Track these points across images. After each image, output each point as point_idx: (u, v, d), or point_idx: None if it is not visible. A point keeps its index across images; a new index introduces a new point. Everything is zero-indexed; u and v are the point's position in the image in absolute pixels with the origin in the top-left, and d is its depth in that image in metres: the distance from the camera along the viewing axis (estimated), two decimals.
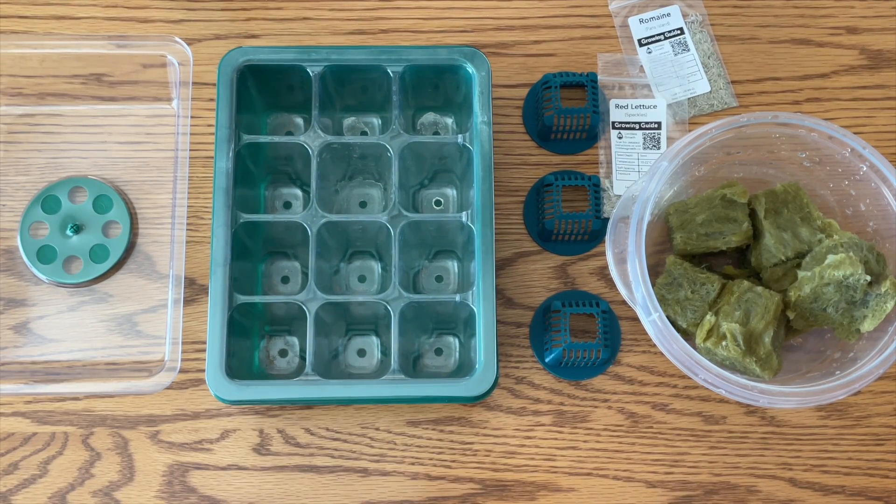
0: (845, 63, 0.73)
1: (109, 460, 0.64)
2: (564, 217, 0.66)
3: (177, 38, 0.68)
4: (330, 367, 0.66)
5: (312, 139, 0.64)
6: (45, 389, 0.64)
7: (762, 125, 0.61)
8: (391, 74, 0.65)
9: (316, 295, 0.62)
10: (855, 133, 0.64)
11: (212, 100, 0.69)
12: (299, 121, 0.71)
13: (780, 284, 0.63)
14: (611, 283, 0.67)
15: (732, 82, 0.72)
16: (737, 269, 0.66)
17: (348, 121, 0.71)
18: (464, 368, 0.65)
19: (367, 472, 0.65)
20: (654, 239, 0.67)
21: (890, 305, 0.60)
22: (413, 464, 0.65)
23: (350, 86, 0.68)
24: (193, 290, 0.67)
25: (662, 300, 0.63)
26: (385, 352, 0.67)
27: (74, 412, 0.65)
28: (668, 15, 0.73)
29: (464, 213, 0.63)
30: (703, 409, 0.66)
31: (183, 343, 0.65)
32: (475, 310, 0.61)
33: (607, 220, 0.67)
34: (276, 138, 0.65)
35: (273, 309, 0.64)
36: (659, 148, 0.70)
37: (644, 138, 0.70)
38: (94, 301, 0.67)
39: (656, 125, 0.70)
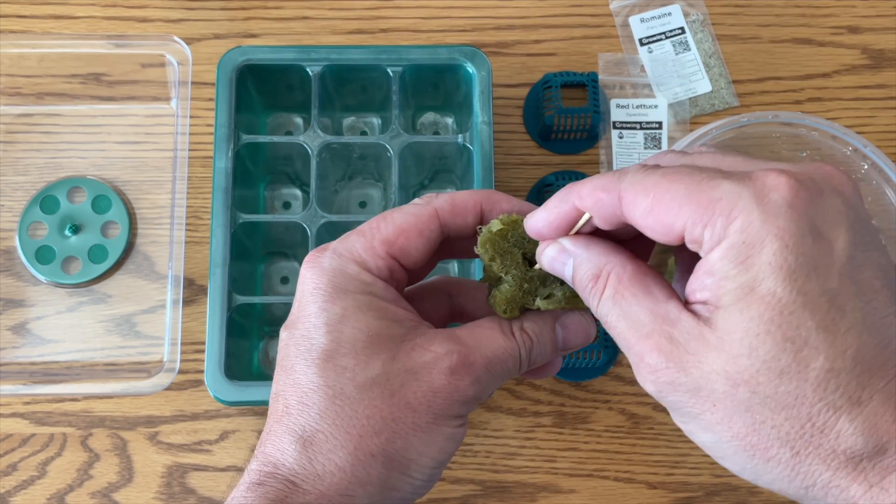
0: (847, 63, 0.73)
1: (108, 461, 0.64)
2: None
3: (176, 38, 0.68)
4: None
5: (312, 139, 0.64)
6: (43, 390, 0.64)
7: (763, 125, 0.61)
8: (391, 74, 0.65)
9: None
10: (856, 132, 0.63)
11: (211, 99, 0.69)
12: (299, 120, 0.71)
13: None
14: None
15: (734, 82, 0.72)
16: None
17: (348, 121, 0.71)
18: None
19: None
20: None
21: None
22: None
23: (350, 85, 0.67)
24: (192, 291, 0.67)
25: None
26: None
27: (73, 413, 0.65)
28: (669, 14, 0.73)
29: None
30: None
31: (182, 344, 0.64)
32: None
33: None
34: (276, 138, 0.65)
35: (272, 309, 0.64)
36: (660, 148, 0.70)
37: (645, 138, 0.70)
38: (93, 301, 0.67)
39: (657, 125, 0.70)
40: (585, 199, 0.34)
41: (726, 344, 0.30)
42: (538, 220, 0.36)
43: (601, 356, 0.64)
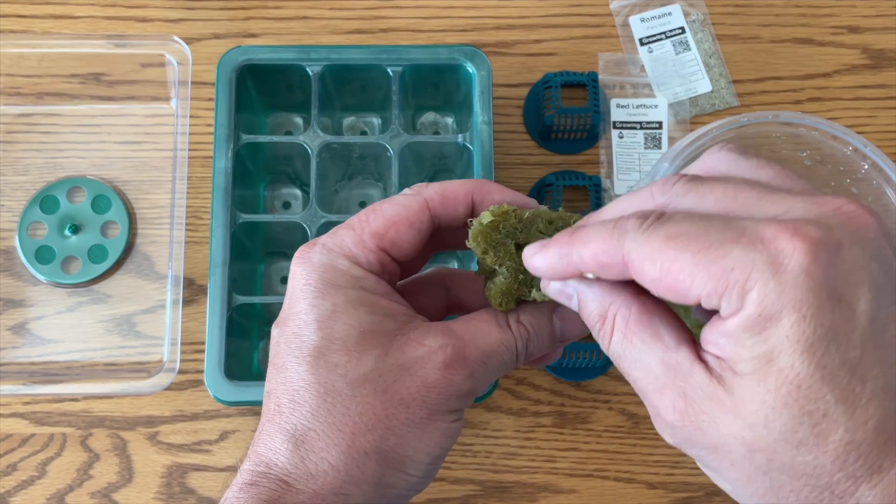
0: (847, 62, 0.73)
1: (108, 461, 0.64)
2: None
3: (176, 38, 0.68)
4: None
5: (312, 139, 0.64)
6: (43, 390, 0.64)
7: (763, 124, 0.61)
8: (391, 74, 0.65)
9: None
10: (857, 132, 0.63)
11: (211, 99, 0.69)
12: (299, 120, 0.71)
13: None
14: None
15: (734, 82, 0.72)
16: None
17: (348, 120, 0.71)
18: None
19: None
20: None
21: None
22: None
23: (350, 85, 0.67)
24: (192, 291, 0.67)
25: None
26: None
27: (73, 413, 0.65)
28: (670, 14, 0.73)
29: None
30: None
31: (182, 344, 0.64)
32: None
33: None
34: (276, 138, 0.65)
35: (272, 309, 0.64)
36: (660, 147, 0.70)
37: (645, 138, 0.70)
38: (93, 301, 0.67)
39: (657, 125, 0.70)
40: (589, 264, 0.33)
41: (742, 411, 0.30)
42: (539, 267, 0.35)
43: (601, 356, 0.64)
